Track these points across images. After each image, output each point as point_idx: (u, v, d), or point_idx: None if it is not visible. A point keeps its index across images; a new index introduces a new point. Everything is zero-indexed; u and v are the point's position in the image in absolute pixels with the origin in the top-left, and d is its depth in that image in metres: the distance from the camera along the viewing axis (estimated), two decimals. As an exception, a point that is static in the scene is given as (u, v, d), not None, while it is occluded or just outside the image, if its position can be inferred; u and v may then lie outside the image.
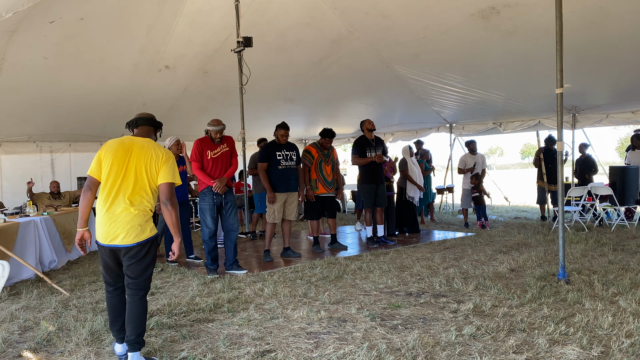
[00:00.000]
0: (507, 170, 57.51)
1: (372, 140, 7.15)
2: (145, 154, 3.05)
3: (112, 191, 3.01)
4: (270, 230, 6.52)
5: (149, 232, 3.06)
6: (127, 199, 3.00)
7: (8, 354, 3.38)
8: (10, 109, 8.35)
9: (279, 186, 6.34)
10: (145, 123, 3.25)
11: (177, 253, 3.11)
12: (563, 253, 4.79)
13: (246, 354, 3.20)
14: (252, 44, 6.78)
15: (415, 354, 3.09)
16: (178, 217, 3.06)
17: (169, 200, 3.01)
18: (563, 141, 4.91)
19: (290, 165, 6.43)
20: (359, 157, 7.11)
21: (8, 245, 5.22)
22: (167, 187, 3.04)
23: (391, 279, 5.06)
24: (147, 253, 3.06)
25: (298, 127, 13.02)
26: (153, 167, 3.03)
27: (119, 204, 3.00)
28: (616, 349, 3.05)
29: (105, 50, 7.18)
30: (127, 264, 3.05)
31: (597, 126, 9.97)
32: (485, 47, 7.42)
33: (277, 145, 6.44)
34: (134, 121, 3.25)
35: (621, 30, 6.44)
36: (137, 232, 3.00)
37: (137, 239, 3.00)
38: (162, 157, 3.06)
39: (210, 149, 5.59)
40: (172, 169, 3.08)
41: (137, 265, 3.04)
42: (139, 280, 3.07)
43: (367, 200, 7.16)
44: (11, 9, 4.91)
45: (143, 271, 3.07)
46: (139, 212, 3.01)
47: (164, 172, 3.04)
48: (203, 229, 5.64)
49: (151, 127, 3.27)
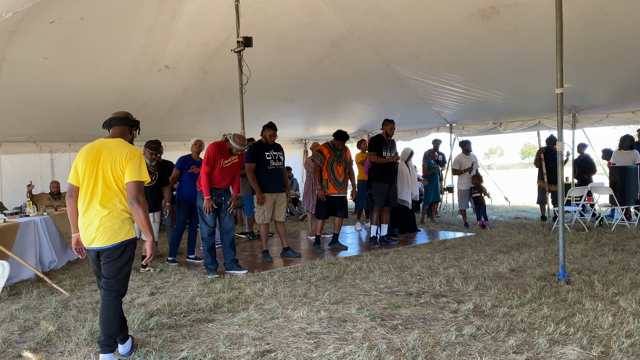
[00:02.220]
0: (507, 170, 57.54)
1: (388, 141, 7.25)
2: (111, 155, 3.03)
3: (86, 196, 3.05)
4: (265, 231, 6.52)
5: (123, 235, 3.06)
6: (99, 202, 3.02)
7: (8, 354, 3.38)
8: (10, 109, 8.34)
9: (268, 187, 6.33)
10: (118, 123, 3.21)
11: (150, 252, 3.11)
12: (563, 253, 4.79)
13: (246, 354, 3.20)
14: (252, 44, 6.77)
15: (415, 354, 3.09)
16: (147, 215, 3.01)
17: (135, 199, 2.97)
18: (563, 141, 4.91)
19: (279, 166, 6.45)
20: (376, 155, 7.17)
21: (8, 245, 5.22)
22: (132, 185, 2.99)
23: (391, 279, 5.06)
24: (121, 255, 3.07)
25: (298, 127, 13.02)
26: (117, 166, 3.01)
27: (92, 207, 3.03)
28: (616, 349, 3.04)
29: (105, 50, 7.18)
30: (102, 263, 3.09)
31: (597, 126, 9.97)
32: (485, 47, 7.42)
33: (265, 145, 6.43)
34: (107, 121, 3.22)
35: (621, 30, 6.44)
36: (110, 234, 3.02)
37: (110, 241, 3.02)
38: (127, 155, 3.02)
39: (224, 158, 5.56)
40: (137, 166, 3.01)
41: (111, 265, 3.06)
42: (112, 281, 3.08)
43: (379, 199, 7.19)
44: (11, 9, 4.91)
45: (117, 272, 3.08)
46: (110, 214, 3.02)
47: (128, 171, 3.00)
48: (202, 227, 5.66)
49: (126, 127, 3.23)
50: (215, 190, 5.57)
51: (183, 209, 6.47)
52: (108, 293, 3.09)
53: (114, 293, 3.09)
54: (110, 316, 3.06)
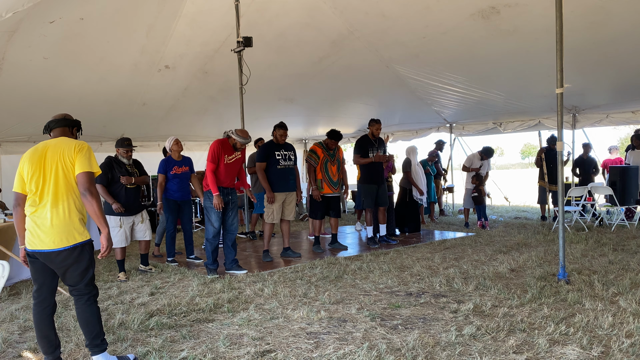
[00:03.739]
0: (507, 170, 57.49)
1: (374, 141, 7.19)
2: (57, 151, 2.93)
3: (35, 197, 2.90)
4: (269, 230, 6.52)
5: (77, 237, 2.91)
6: (50, 203, 2.88)
7: (8, 354, 3.38)
8: (10, 109, 8.33)
9: (278, 186, 6.34)
10: (57, 125, 3.14)
11: (106, 245, 2.95)
12: (563, 253, 4.79)
13: (246, 354, 3.20)
14: (252, 44, 6.78)
15: (415, 354, 3.09)
16: (100, 207, 2.90)
17: (87, 191, 2.85)
18: (563, 141, 4.91)
19: (289, 165, 6.44)
20: (360, 156, 7.13)
21: (8, 245, 5.22)
22: (84, 176, 2.87)
23: (391, 279, 5.06)
24: (78, 257, 2.91)
25: (298, 127, 13.01)
26: (67, 159, 2.91)
27: (43, 208, 2.88)
28: (616, 349, 3.04)
29: (105, 50, 7.18)
30: (60, 272, 2.93)
31: (597, 126, 9.97)
32: (485, 47, 7.42)
33: (276, 145, 6.44)
34: (47, 125, 3.14)
35: (621, 30, 6.44)
36: (64, 235, 2.87)
37: (64, 243, 2.86)
38: (75, 147, 2.93)
39: (227, 154, 5.55)
40: (87, 157, 2.92)
41: (72, 270, 2.91)
42: (80, 286, 2.96)
43: (367, 200, 7.16)
44: (11, 9, 4.90)
45: (81, 276, 2.94)
46: (65, 214, 2.88)
47: (78, 162, 2.90)
48: (207, 228, 5.63)
49: (66, 127, 3.15)
50: (221, 190, 5.53)
51: (170, 209, 6.45)
52: (79, 298, 2.98)
53: (85, 296, 2.98)
54: (88, 319, 2.99)
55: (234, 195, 5.70)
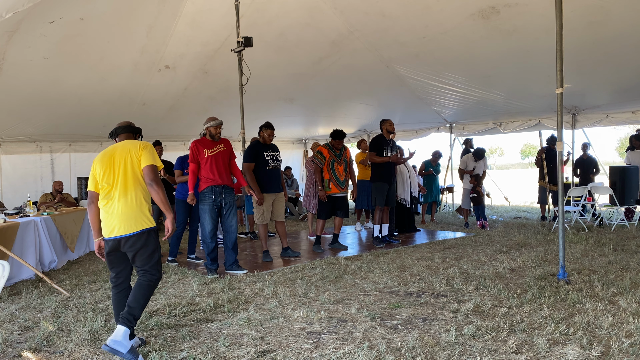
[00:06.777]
0: (507, 170, 57.52)
1: (389, 141, 7.24)
2: (125, 150, 3.35)
3: (108, 191, 3.29)
4: (264, 231, 6.51)
5: (144, 223, 3.27)
6: (121, 192, 3.26)
7: (8, 354, 3.38)
8: (10, 109, 8.35)
9: (267, 187, 6.31)
10: (124, 131, 3.57)
11: (171, 228, 3.31)
12: (563, 253, 4.79)
13: (246, 354, 3.20)
14: (252, 44, 6.78)
15: (415, 354, 3.09)
16: (165, 195, 3.26)
17: (152, 181, 3.25)
18: (563, 141, 4.91)
19: (277, 166, 6.45)
20: (376, 155, 7.16)
21: (8, 245, 5.22)
22: (149, 169, 3.27)
23: (391, 279, 5.06)
24: (146, 242, 3.27)
25: (298, 127, 13.01)
26: (134, 155, 3.30)
27: (114, 199, 3.27)
28: (616, 349, 3.04)
29: (105, 50, 7.18)
30: (131, 255, 3.29)
31: (597, 126, 9.97)
32: (485, 47, 7.42)
33: (264, 145, 6.42)
34: (114, 131, 3.58)
35: (621, 30, 6.44)
36: (132, 222, 3.24)
37: (132, 229, 3.23)
38: (140, 145, 3.36)
39: (207, 147, 5.52)
40: (151, 154, 3.33)
41: (141, 253, 3.27)
42: (147, 267, 3.30)
43: (380, 199, 7.19)
44: (11, 9, 4.91)
45: (149, 258, 3.29)
46: (133, 203, 3.25)
47: (144, 157, 3.30)
48: (202, 230, 5.63)
49: (130, 134, 3.58)
50: (215, 189, 5.49)
51: (182, 209, 6.46)
52: (143, 274, 3.30)
53: (148, 275, 3.29)
54: (137, 295, 3.23)
55: (231, 195, 5.66)
